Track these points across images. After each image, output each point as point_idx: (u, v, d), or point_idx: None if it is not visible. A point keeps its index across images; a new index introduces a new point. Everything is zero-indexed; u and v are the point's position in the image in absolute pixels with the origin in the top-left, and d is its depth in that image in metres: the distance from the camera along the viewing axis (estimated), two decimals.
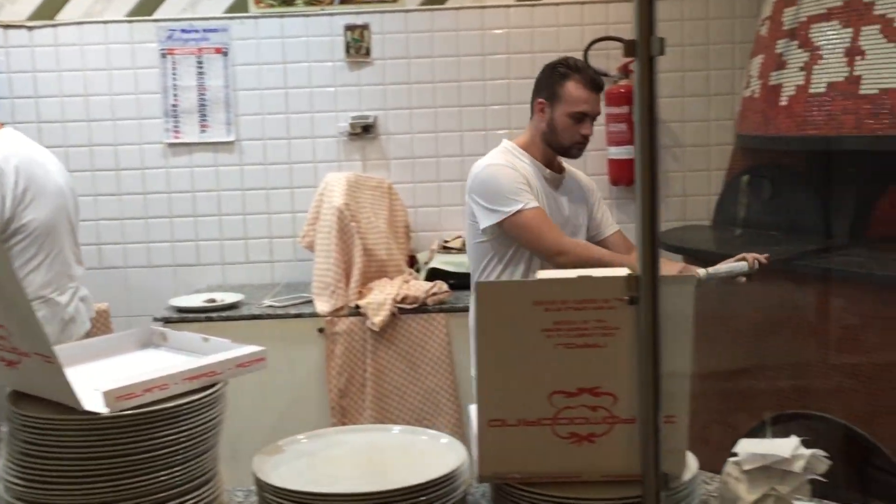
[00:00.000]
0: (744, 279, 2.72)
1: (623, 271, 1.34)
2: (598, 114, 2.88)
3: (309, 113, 4.13)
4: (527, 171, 2.82)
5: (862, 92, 2.69)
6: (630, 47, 1.30)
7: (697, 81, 4.20)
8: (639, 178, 1.32)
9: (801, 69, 2.90)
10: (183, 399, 1.36)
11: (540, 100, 2.84)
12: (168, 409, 1.33)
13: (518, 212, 2.72)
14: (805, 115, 2.86)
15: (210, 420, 1.40)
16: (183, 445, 1.36)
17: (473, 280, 2.93)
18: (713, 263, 2.82)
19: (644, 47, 1.29)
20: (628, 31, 4.12)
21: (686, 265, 2.83)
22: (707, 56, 4.20)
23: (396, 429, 1.56)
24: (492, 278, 2.83)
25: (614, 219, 3.08)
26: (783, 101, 2.96)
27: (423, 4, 4.13)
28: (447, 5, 4.13)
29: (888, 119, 2.61)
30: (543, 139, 2.83)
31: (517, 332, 1.34)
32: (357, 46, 4.12)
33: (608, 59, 4.12)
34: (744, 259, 2.72)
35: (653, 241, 1.32)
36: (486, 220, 2.78)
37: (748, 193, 3.26)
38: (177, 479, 1.35)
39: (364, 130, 4.12)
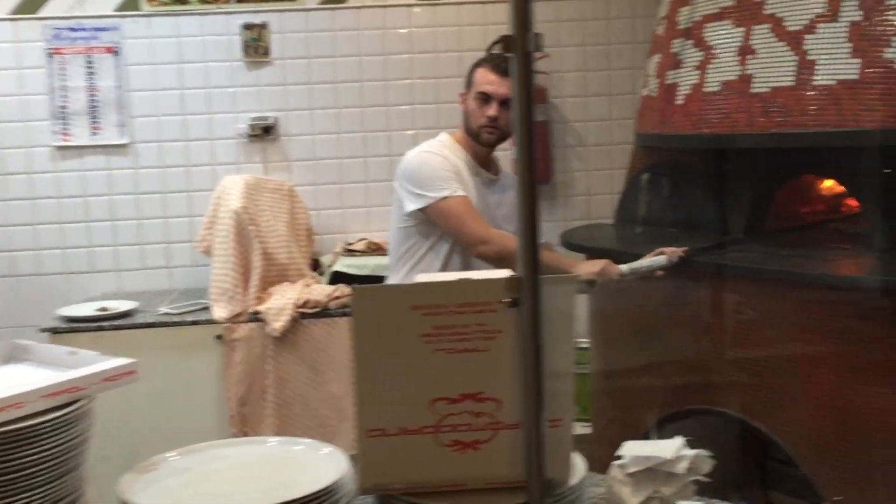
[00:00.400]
0: (662, 273, 2.74)
1: (502, 273, 1.31)
2: (507, 98, 2.87)
3: (207, 114, 4.02)
4: (459, 164, 2.85)
5: (753, 90, 2.71)
6: (507, 43, 1.26)
7: (600, 81, 4.22)
8: (519, 176, 1.28)
9: (696, 68, 2.92)
10: (41, 417, 1.28)
11: (462, 91, 2.93)
12: (22, 428, 1.25)
13: (444, 198, 2.74)
14: (700, 113, 2.88)
15: (72, 439, 1.32)
16: (43, 467, 1.27)
17: (391, 265, 2.91)
18: (621, 262, 2.83)
19: (520, 43, 1.26)
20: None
21: (608, 262, 2.81)
22: (609, 56, 4.22)
23: (274, 440, 1.50)
24: (410, 264, 2.82)
25: None
26: (679, 100, 2.97)
27: (323, 3, 4.05)
28: (348, 4, 4.06)
29: (779, 117, 2.64)
30: (465, 129, 2.89)
31: (395, 338, 1.29)
32: (255, 46, 4.02)
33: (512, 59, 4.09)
34: (662, 253, 2.73)
35: (533, 242, 1.28)
36: (411, 205, 2.79)
37: (648, 191, 3.27)
38: (37, 502, 1.27)
39: (264, 132, 4.03)
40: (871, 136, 2.45)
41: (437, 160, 2.80)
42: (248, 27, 4.01)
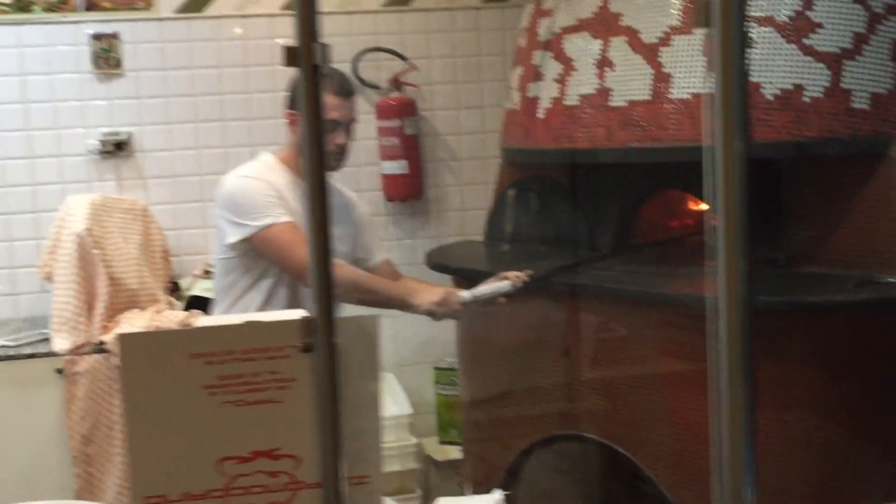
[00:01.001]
0: (504, 300, 2.63)
1: (296, 314, 1.16)
2: (353, 120, 2.75)
3: (53, 130, 3.76)
4: (283, 187, 2.65)
5: (612, 104, 2.64)
6: (291, 55, 1.13)
7: (471, 93, 4.13)
8: (309, 203, 1.14)
9: (557, 81, 2.84)
10: None
11: (290, 112, 2.70)
12: None
13: (268, 226, 2.56)
14: (561, 127, 2.80)
15: None
16: None
17: (215, 300, 2.72)
18: (477, 283, 2.72)
19: (306, 54, 1.12)
20: (400, 42, 3.94)
21: (449, 291, 2.71)
22: (480, 67, 4.13)
23: None
24: (229, 300, 2.63)
25: (396, 237, 2.96)
26: (540, 114, 2.89)
27: (178, 12, 3.84)
28: (205, 14, 3.86)
29: (637, 131, 2.57)
30: (300, 153, 2.64)
31: (173, 391, 1.13)
32: (106, 57, 3.78)
33: (379, 71, 3.97)
34: (505, 278, 2.63)
35: (326, 277, 1.15)
36: (233, 235, 2.60)
37: (515, 207, 3.18)
38: None
39: (117, 148, 3.79)
40: None
41: (257, 185, 2.62)
42: (97, 37, 3.77)
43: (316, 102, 1.15)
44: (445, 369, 3.81)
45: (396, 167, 3.90)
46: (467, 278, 2.92)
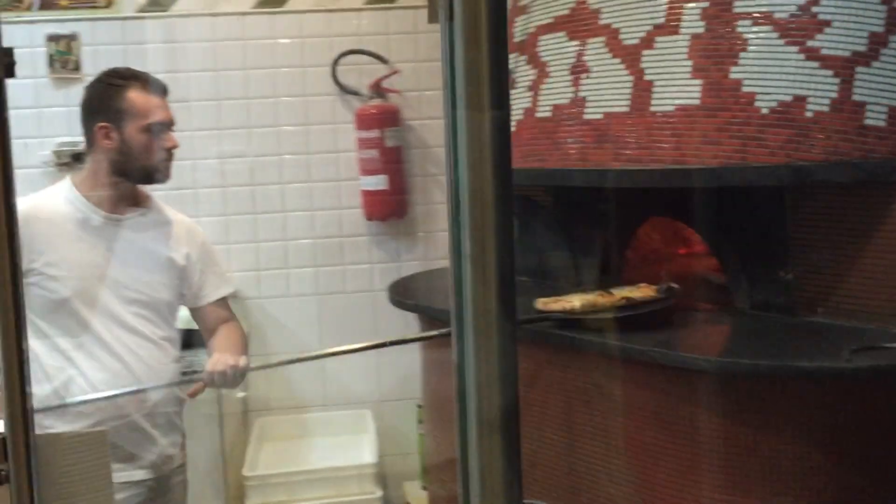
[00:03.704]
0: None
1: None
2: (173, 122, 2.29)
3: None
4: (59, 215, 2.19)
5: (586, 116, 2.26)
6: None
7: None
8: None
9: (529, 89, 2.46)
10: None
11: (102, 124, 2.21)
12: None
13: None
14: (532, 143, 2.42)
15: None
16: None
17: None
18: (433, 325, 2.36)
19: None
20: (381, 44, 3.52)
21: (219, 356, 2.20)
22: None
23: None
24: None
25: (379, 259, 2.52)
26: (512, 127, 2.51)
27: (140, 11, 3.54)
28: (171, 11, 3.55)
29: (612, 149, 2.18)
30: (115, 170, 2.22)
31: None
32: (63, 60, 3.50)
33: (360, 75, 3.63)
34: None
35: (21, 377, 0.80)
36: None
37: None
38: None
39: (74, 159, 3.49)
40: (713, 175, 2.00)
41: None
42: (53, 38, 3.48)
43: (5, 121, 0.82)
44: None
45: (376, 182, 3.54)
46: (430, 316, 2.56)
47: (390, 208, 3.58)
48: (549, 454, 2.21)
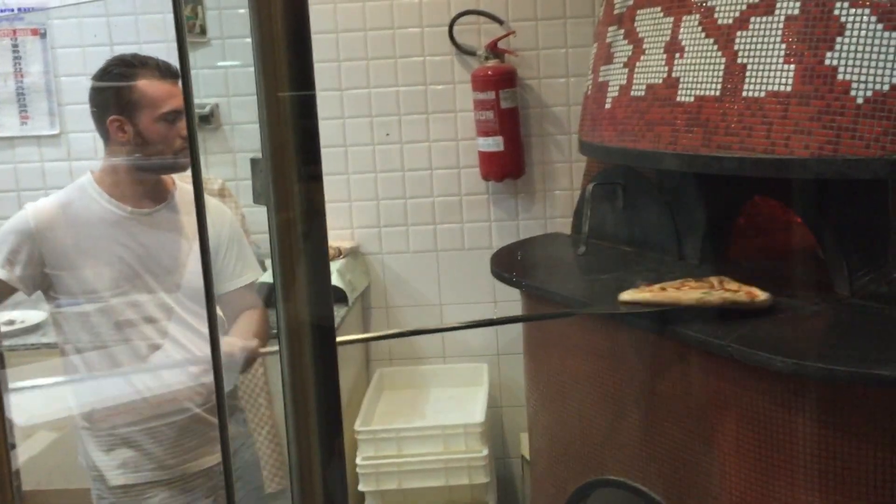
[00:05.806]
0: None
1: None
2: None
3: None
4: (83, 217, 2.17)
5: (679, 98, 2.18)
6: None
7: (581, 60, 3.65)
8: None
9: (625, 66, 2.39)
10: None
11: (114, 117, 2.13)
12: None
13: None
14: (625, 122, 2.36)
15: None
16: None
17: None
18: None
19: None
20: (498, 5, 3.46)
21: (230, 340, 2.19)
22: (592, 31, 3.65)
23: None
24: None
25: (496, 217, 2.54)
26: (608, 104, 2.45)
27: None
28: None
29: (703, 134, 2.10)
30: (134, 163, 2.17)
31: None
32: (190, 25, 3.63)
33: (479, 35, 3.60)
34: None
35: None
36: None
37: (598, 202, 2.76)
38: None
39: (202, 121, 3.66)
40: (803, 167, 1.90)
41: (16, 222, 2.14)
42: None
43: None
44: None
45: (491, 143, 3.54)
46: (528, 291, 2.57)
47: (506, 169, 3.57)
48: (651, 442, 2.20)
